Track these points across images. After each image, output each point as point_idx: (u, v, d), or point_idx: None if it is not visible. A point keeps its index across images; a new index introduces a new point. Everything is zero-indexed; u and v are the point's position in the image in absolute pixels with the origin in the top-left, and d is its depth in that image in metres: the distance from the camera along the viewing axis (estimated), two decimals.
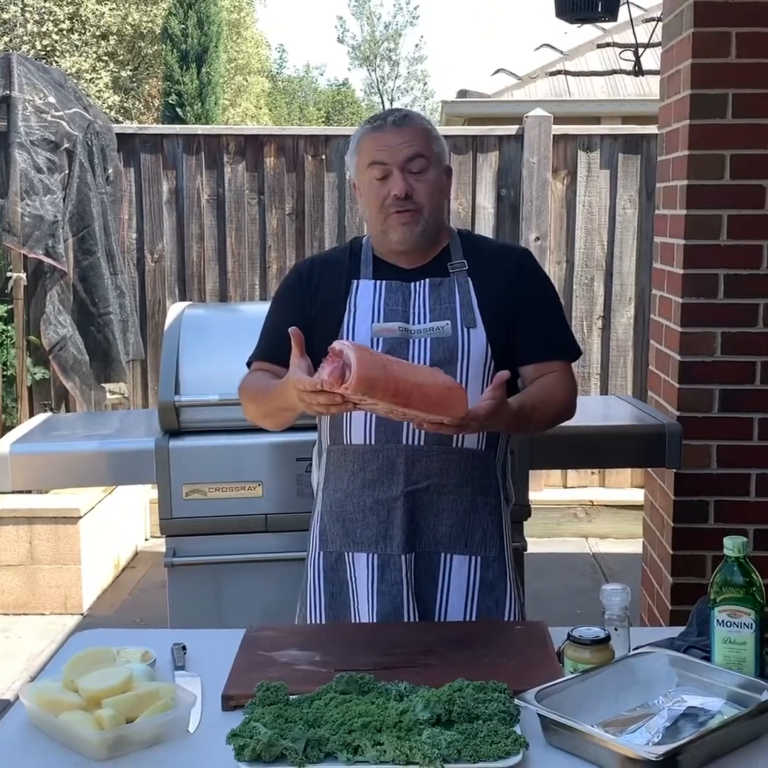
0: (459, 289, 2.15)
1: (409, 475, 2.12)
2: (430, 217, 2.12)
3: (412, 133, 2.12)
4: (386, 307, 2.13)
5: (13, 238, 4.73)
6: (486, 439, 2.15)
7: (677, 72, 3.29)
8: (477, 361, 2.11)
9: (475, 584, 2.14)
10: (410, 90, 36.26)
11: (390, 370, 1.75)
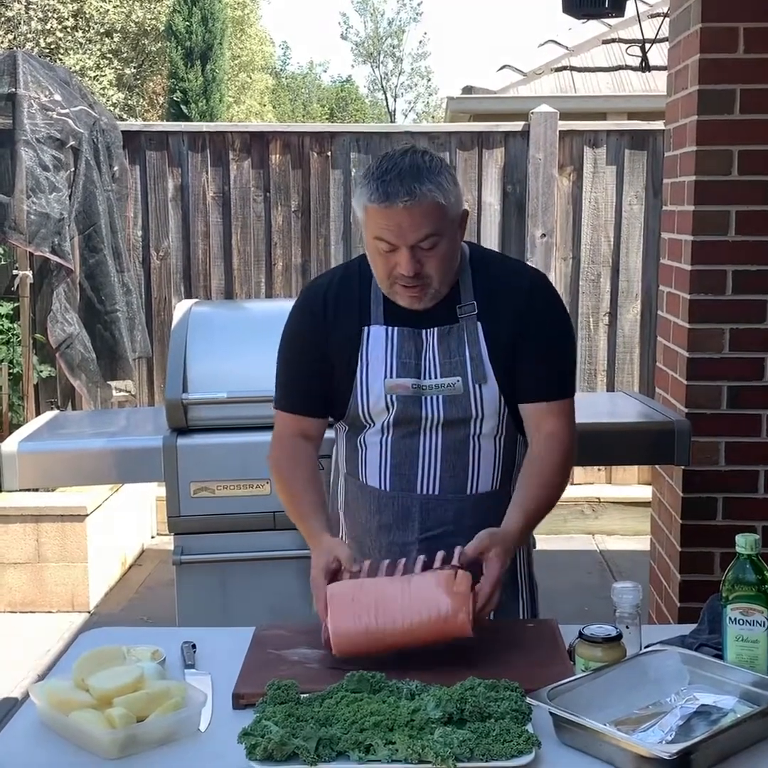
0: (468, 339, 2.06)
1: (424, 522, 2.10)
2: (440, 285, 2.03)
3: (422, 211, 1.93)
4: (399, 361, 2.07)
5: (19, 236, 4.73)
6: (500, 477, 2.13)
7: (685, 67, 3.28)
8: (491, 415, 2.08)
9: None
10: (414, 86, 36.28)
11: (372, 630, 1.73)
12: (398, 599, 1.77)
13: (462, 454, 2.10)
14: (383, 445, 2.12)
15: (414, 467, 2.11)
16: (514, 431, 2.14)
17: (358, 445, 2.16)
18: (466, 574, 1.79)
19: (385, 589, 1.80)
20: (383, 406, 2.08)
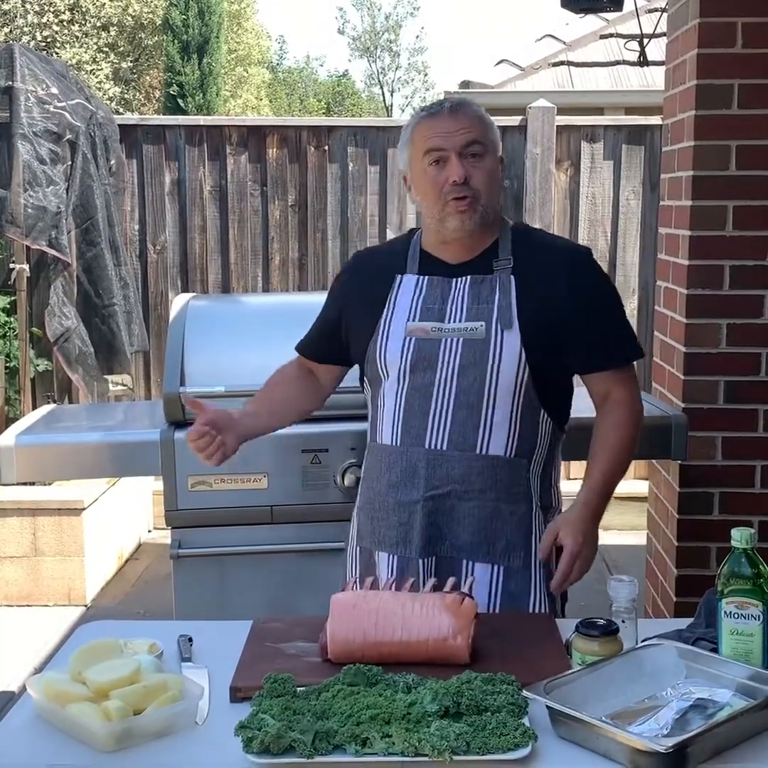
0: (500, 289, 2.08)
1: (430, 479, 2.09)
2: (487, 204, 2.09)
3: (469, 119, 2.09)
4: (423, 306, 2.11)
5: (16, 229, 4.72)
6: (515, 446, 2.10)
7: (683, 62, 3.28)
8: (509, 364, 2.05)
9: (497, 594, 2.10)
10: (411, 81, 36.23)
11: (370, 638, 1.74)
12: (400, 612, 1.77)
13: (475, 410, 2.07)
14: (398, 397, 2.12)
15: (425, 420, 2.09)
16: (536, 404, 2.10)
17: (377, 404, 2.18)
18: (473, 602, 1.79)
19: (388, 601, 1.80)
20: (399, 349, 2.10)
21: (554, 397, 2.15)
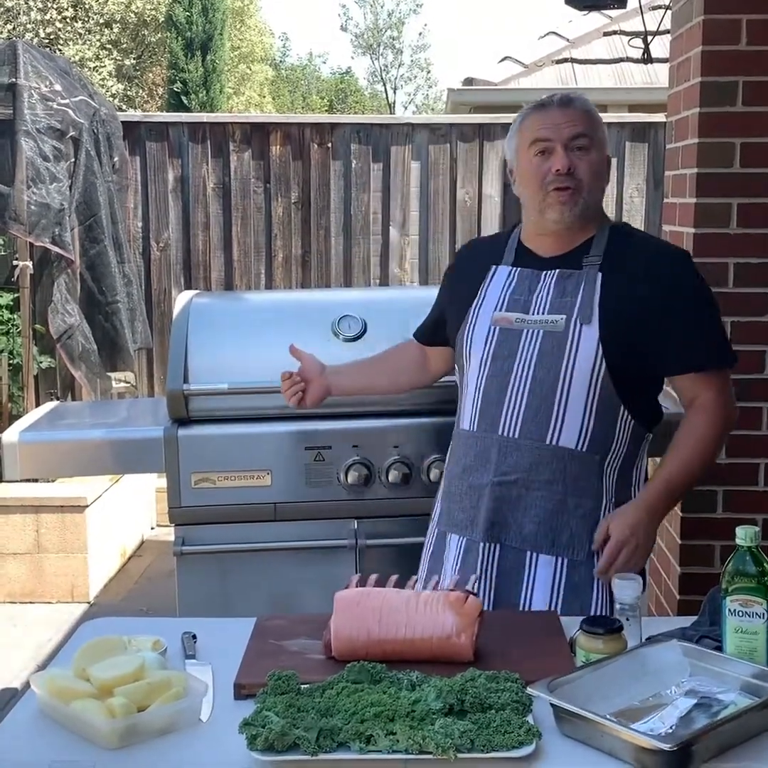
0: (586, 284, 2.11)
1: (499, 465, 2.14)
2: (589, 197, 2.13)
3: (577, 113, 2.15)
4: (511, 297, 2.17)
5: (19, 226, 4.72)
6: (588, 441, 2.11)
7: (687, 59, 3.27)
8: (585, 358, 2.08)
9: (560, 586, 2.12)
10: (413, 78, 36.19)
11: (374, 636, 1.74)
12: (404, 610, 1.77)
13: (548, 401, 2.10)
14: (477, 384, 2.19)
15: (500, 406, 2.14)
16: (615, 401, 2.11)
17: (462, 390, 2.27)
18: (477, 600, 1.79)
19: (392, 599, 1.80)
20: (483, 338, 2.17)
21: (637, 396, 2.15)
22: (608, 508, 2.15)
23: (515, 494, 2.13)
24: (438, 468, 2.87)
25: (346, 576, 2.03)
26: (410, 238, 5.79)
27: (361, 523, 2.90)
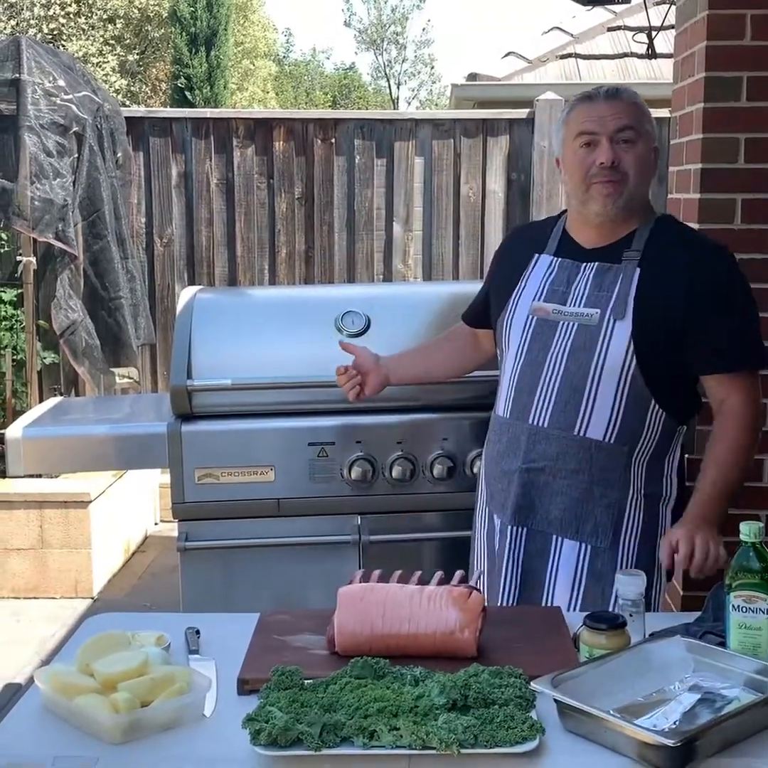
0: (623, 279, 2.13)
1: (528, 453, 2.20)
2: (634, 189, 2.15)
3: (624, 105, 2.15)
4: (550, 287, 2.20)
5: (22, 221, 4.72)
6: (617, 433, 2.14)
7: (691, 55, 3.26)
8: (616, 353, 2.11)
9: (582, 571, 2.17)
10: (417, 74, 36.14)
11: (377, 631, 1.74)
12: (408, 605, 1.77)
13: (578, 392, 2.14)
14: (513, 371, 2.24)
15: (531, 395, 2.20)
16: (646, 395, 2.14)
17: (500, 375, 2.33)
18: (480, 596, 1.80)
19: (396, 594, 1.80)
20: (522, 326, 2.21)
21: (668, 391, 2.17)
22: (636, 499, 2.19)
23: (543, 481, 2.19)
24: (442, 464, 2.88)
25: (349, 571, 2.04)
26: (414, 233, 5.79)
27: (365, 518, 2.90)
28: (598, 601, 2.16)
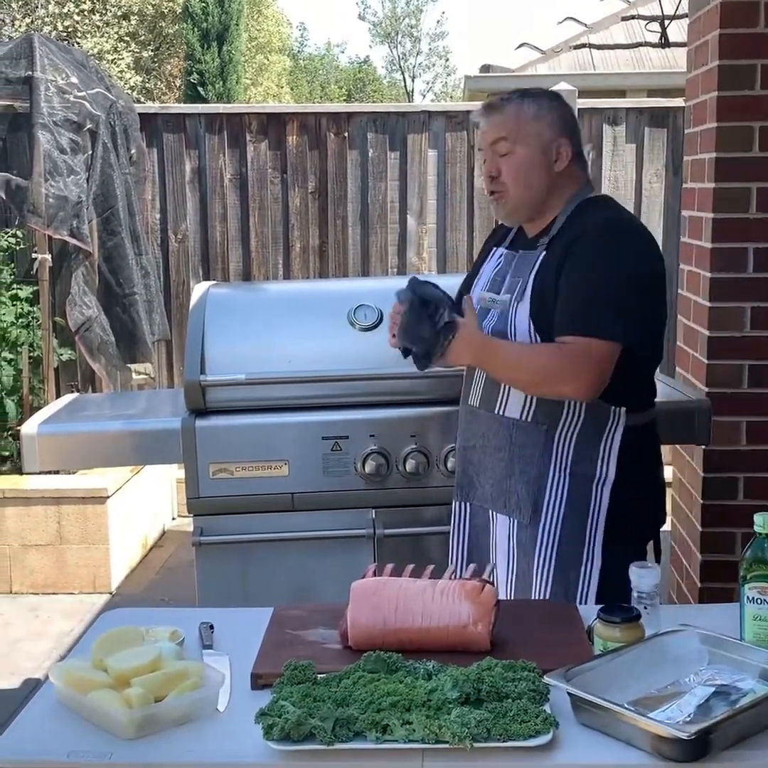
0: (533, 264, 2.24)
1: (464, 432, 2.39)
2: (516, 195, 2.24)
3: (498, 118, 2.25)
4: (494, 277, 2.33)
5: (37, 219, 4.73)
6: (533, 412, 2.22)
7: (705, 43, 3.24)
8: (521, 334, 2.21)
9: (513, 544, 2.27)
10: (432, 66, 36.09)
11: (390, 625, 1.74)
12: (420, 599, 1.77)
13: None
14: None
15: (470, 381, 2.39)
16: None
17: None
18: (493, 589, 1.79)
19: (408, 588, 1.80)
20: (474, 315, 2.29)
21: None
22: (559, 477, 2.21)
23: (477, 458, 2.34)
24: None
25: (364, 565, 2.04)
26: (428, 226, 5.77)
27: (379, 512, 2.90)
28: (526, 573, 2.24)
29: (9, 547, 4.59)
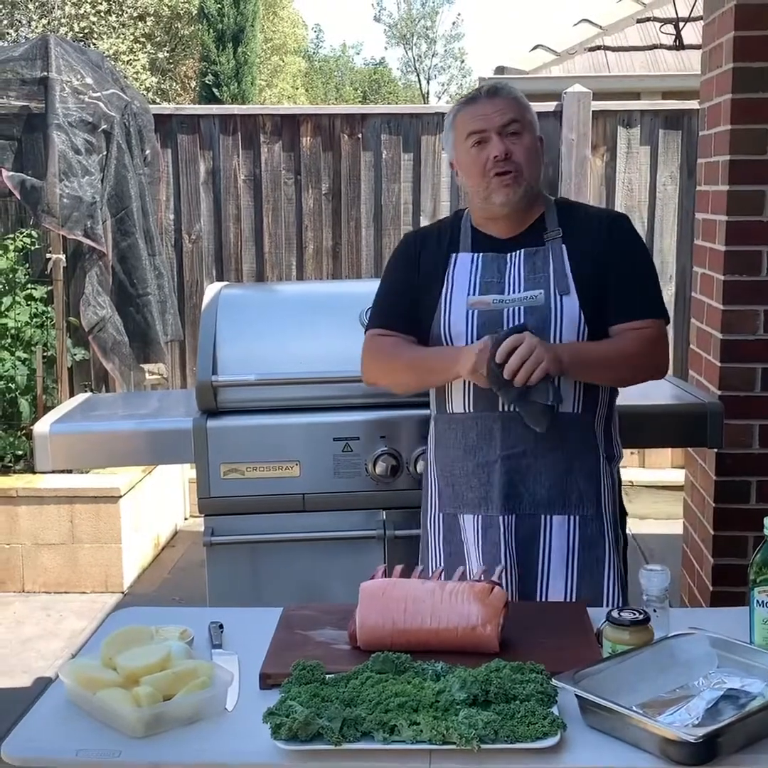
0: (554, 257, 2.22)
1: (505, 440, 2.22)
2: (529, 177, 2.22)
3: (505, 101, 2.24)
4: (482, 280, 2.24)
5: (52, 219, 4.76)
6: (582, 402, 2.23)
7: (719, 45, 3.23)
8: (570, 327, 2.18)
9: (574, 542, 2.23)
10: (447, 68, 36.09)
11: (399, 625, 1.75)
12: (429, 600, 1.77)
13: None
14: None
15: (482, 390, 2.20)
16: None
17: None
18: (502, 591, 1.79)
19: (417, 589, 1.80)
20: (463, 323, 2.22)
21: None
22: (603, 463, 2.27)
23: (524, 464, 2.22)
24: None
25: (374, 566, 2.04)
26: None
27: (389, 513, 2.90)
28: (593, 568, 2.22)
29: (22, 546, 4.61)
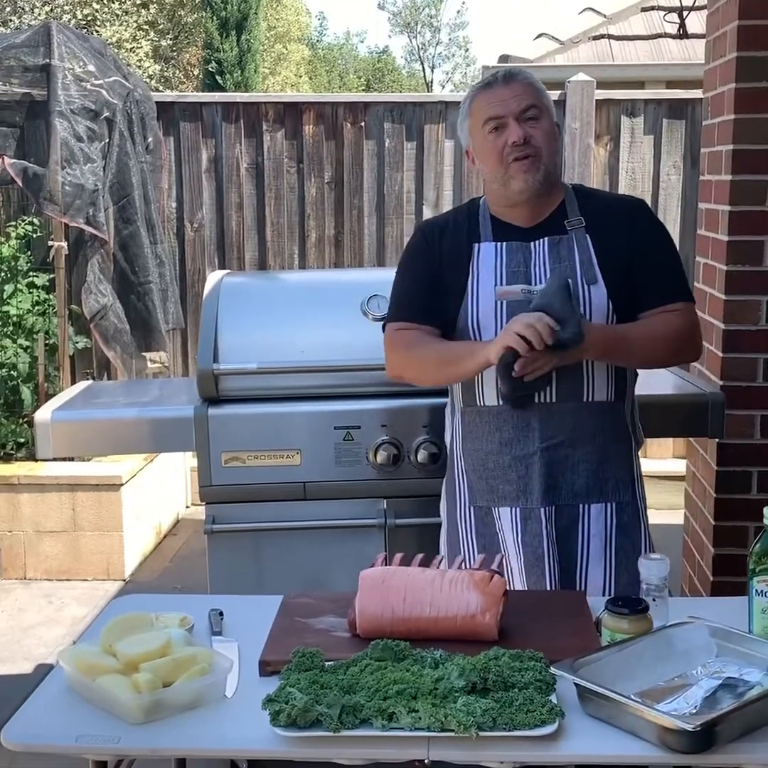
0: (578, 247, 2.21)
1: (544, 431, 2.22)
2: (548, 162, 2.21)
3: (522, 86, 2.22)
4: (508, 270, 2.22)
5: (54, 206, 4.75)
6: (615, 390, 2.25)
7: (723, 34, 3.22)
8: (598, 316, 2.19)
9: (612, 529, 2.25)
10: (451, 57, 35.98)
11: (398, 614, 1.75)
12: (429, 589, 1.77)
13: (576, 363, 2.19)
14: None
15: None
16: None
17: None
18: (501, 579, 1.80)
19: (417, 577, 1.81)
20: (492, 314, 2.21)
21: None
22: (634, 448, 2.32)
23: (563, 455, 2.23)
24: None
25: (374, 555, 2.05)
26: None
27: (390, 502, 2.90)
28: (630, 552, 2.23)
29: (24, 534, 4.62)
